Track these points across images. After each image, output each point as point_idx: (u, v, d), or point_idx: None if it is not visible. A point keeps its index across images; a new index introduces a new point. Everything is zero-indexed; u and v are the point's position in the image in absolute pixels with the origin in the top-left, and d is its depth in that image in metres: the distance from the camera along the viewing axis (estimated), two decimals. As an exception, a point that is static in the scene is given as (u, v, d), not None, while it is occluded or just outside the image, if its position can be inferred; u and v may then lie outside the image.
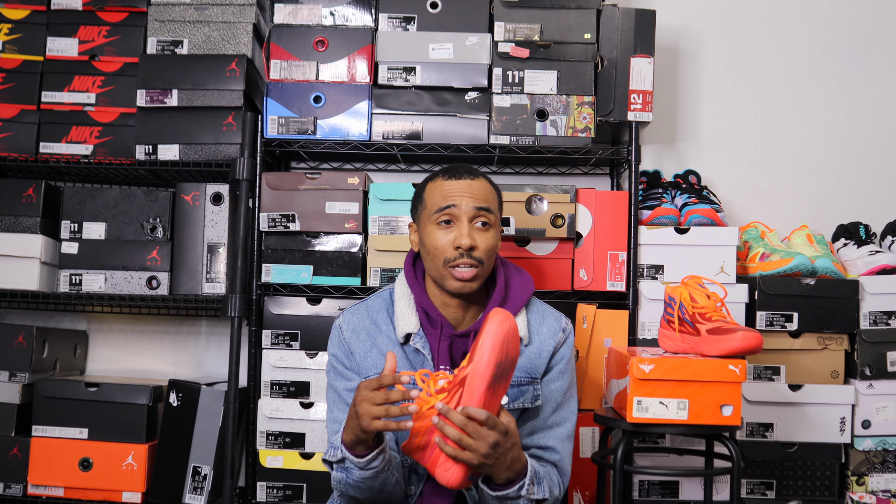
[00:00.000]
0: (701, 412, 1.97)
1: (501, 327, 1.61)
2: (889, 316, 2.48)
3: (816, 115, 2.90)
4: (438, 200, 1.88)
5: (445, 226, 1.87)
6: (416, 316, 1.90)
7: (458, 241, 1.84)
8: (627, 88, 2.51)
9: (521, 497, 1.73)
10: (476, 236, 1.85)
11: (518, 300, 1.93)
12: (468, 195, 1.87)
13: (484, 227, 1.87)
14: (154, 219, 2.58)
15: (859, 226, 2.66)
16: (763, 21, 2.91)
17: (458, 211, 1.86)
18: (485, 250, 1.86)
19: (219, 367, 2.81)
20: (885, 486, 2.47)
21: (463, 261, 1.84)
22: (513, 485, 1.72)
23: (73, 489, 2.47)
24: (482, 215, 1.87)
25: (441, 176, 1.91)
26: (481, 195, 1.88)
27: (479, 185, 1.89)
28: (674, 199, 2.61)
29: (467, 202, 1.86)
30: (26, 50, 2.61)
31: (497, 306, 1.89)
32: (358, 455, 1.71)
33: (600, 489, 2.24)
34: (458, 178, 1.89)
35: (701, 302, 2.08)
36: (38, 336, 2.54)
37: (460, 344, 1.89)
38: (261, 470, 2.48)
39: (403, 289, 1.95)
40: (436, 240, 1.86)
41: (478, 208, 1.86)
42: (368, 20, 2.56)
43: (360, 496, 1.79)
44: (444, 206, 1.86)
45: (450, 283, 1.86)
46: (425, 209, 1.91)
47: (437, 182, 1.91)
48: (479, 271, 1.86)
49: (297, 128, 2.53)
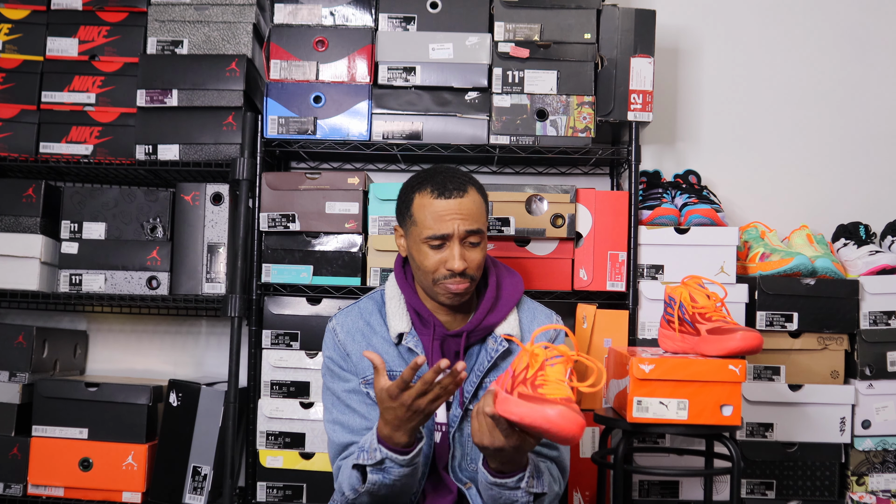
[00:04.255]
0: (701, 412, 1.97)
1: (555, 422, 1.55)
2: (889, 316, 2.48)
3: (817, 115, 2.90)
4: (430, 223, 1.87)
5: (437, 249, 1.88)
6: (406, 316, 1.93)
7: (449, 264, 1.86)
8: (627, 88, 2.51)
9: (519, 489, 1.74)
10: (467, 255, 1.87)
11: (509, 301, 1.95)
12: (459, 218, 1.86)
13: (474, 246, 1.89)
14: (154, 219, 2.58)
15: (859, 226, 2.66)
16: (763, 21, 2.91)
17: (450, 236, 1.87)
18: (475, 267, 1.89)
19: (219, 367, 2.81)
20: (885, 486, 2.47)
21: (454, 280, 1.87)
22: (512, 475, 1.73)
23: (73, 489, 2.47)
24: (472, 236, 1.88)
25: (430, 192, 1.88)
26: (472, 215, 1.88)
27: (469, 202, 1.88)
28: (674, 199, 2.61)
29: (459, 226, 1.86)
30: (26, 50, 2.61)
31: (489, 307, 1.92)
32: (402, 452, 1.72)
33: (600, 489, 2.24)
34: (448, 196, 1.87)
35: (701, 302, 2.08)
36: (38, 336, 2.54)
37: (452, 343, 1.92)
38: (261, 470, 2.48)
39: (394, 290, 1.97)
40: (426, 259, 1.88)
41: (469, 231, 1.87)
42: (368, 20, 2.56)
43: (386, 494, 1.79)
44: (438, 235, 1.86)
45: (442, 297, 1.90)
46: (415, 226, 1.90)
47: (426, 199, 1.88)
48: (470, 286, 1.89)
49: (297, 128, 2.53)
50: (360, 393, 1.92)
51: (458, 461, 1.90)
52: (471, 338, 1.92)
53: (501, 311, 1.94)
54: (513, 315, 1.95)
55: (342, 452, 1.90)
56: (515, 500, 1.76)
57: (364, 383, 1.92)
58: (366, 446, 1.77)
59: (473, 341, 1.94)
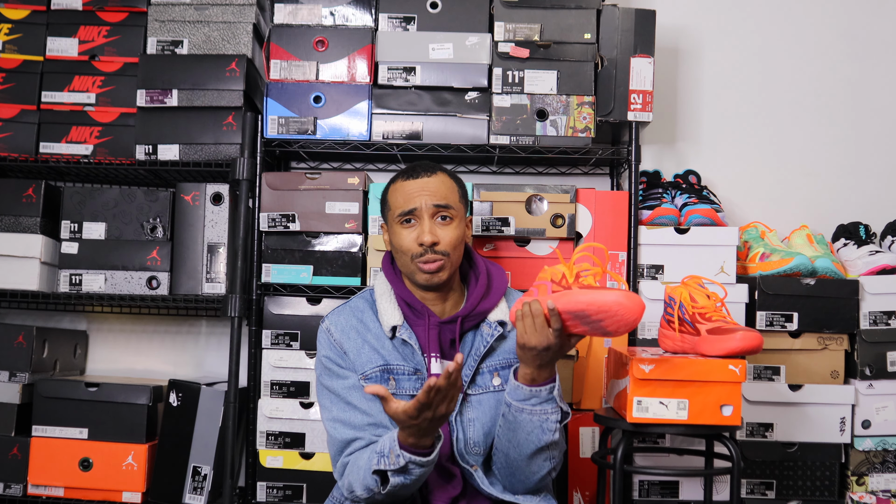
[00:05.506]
0: (701, 412, 1.97)
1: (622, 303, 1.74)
2: (889, 316, 2.48)
3: (817, 115, 2.90)
4: (400, 202, 1.95)
5: (408, 224, 1.94)
6: (398, 309, 1.96)
7: (420, 238, 1.92)
8: (627, 88, 2.51)
9: (552, 399, 1.83)
10: (438, 231, 1.92)
11: (499, 288, 2.00)
12: (426, 193, 1.94)
13: (445, 221, 1.94)
14: (154, 219, 2.58)
15: (859, 226, 2.66)
16: (763, 21, 2.91)
17: (418, 211, 1.93)
18: (448, 243, 1.93)
19: (219, 367, 2.81)
20: (885, 486, 2.47)
21: (428, 256, 1.91)
22: (545, 384, 1.83)
23: (73, 489, 2.48)
24: (441, 211, 1.94)
25: (401, 177, 1.98)
26: (440, 192, 1.95)
27: (436, 181, 1.96)
28: (674, 199, 2.61)
29: (426, 200, 1.93)
30: (26, 50, 2.61)
31: (482, 293, 1.97)
32: (423, 453, 1.76)
33: (600, 489, 2.24)
34: (416, 177, 1.96)
35: (701, 302, 2.08)
36: (38, 336, 2.54)
37: (447, 331, 1.95)
38: (261, 470, 2.48)
39: (383, 286, 2.00)
40: (401, 239, 1.94)
41: (436, 206, 1.93)
42: (368, 20, 2.56)
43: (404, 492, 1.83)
44: (406, 210, 1.93)
45: (419, 277, 1.93)
46: (390, 210, 1.98)
47: (398, 184, 1.98)
48: (444, 262, 1.93)
49: (297, 128, 2.53)
50: (359, 389, 1.93)
51: (463, 444, 1.92)
52: (465, 324, 1.95)
53: (494, 298, 1.98)
54: (503, 302, 1.99)
55: (346, 449, 1.91)
56: (546, 419, 1.83)
57: (363, 379, 1.93)
58: (385, 451, 1.78)
59: (467, 328, 1.97)
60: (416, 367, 1.93)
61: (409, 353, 1.94)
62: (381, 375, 1.93)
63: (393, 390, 1.92)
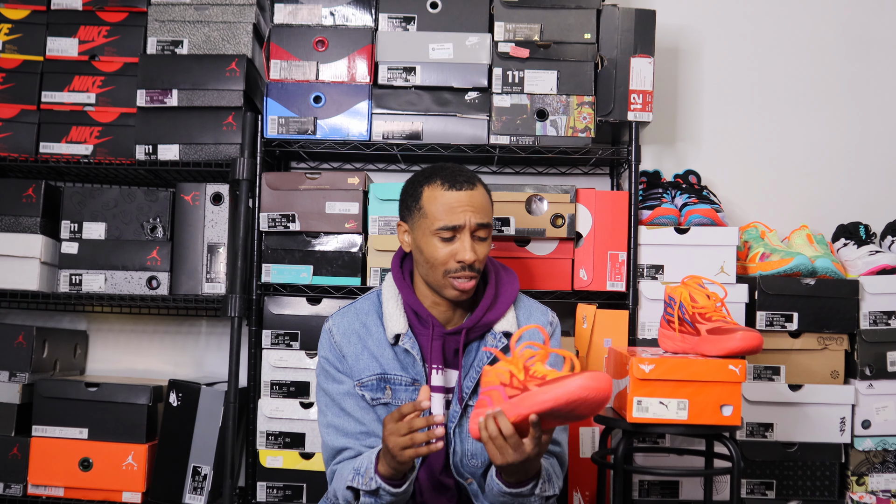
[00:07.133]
0: (701, 412, 1.97)
1: (589, 386, 1.56)
2: (889, 316, 2.48)
3: (816, 115, 2.90)
4: (442, 215, 1.87)
5: (448, 239, 1.88)
6: (403, 317, 1.93)
7: (461, 255, 1.86)
8: (627, 88, 2.51)
9: (533, 495, 1.76)
10: (477, 249, 1.88)
11: (508, 298, 1.96)
12: (471, 210, 1.88)
13: (482, 241, 1.90)
14: (154, 219, 2.58)
15: (859, 226, 2.66)
16: (763, 21, 2.91)
17: (462, 227, 1.87)
18: (482, 260, 1.90)
19: (219, 367, 2.81)
20: (885, 486, 2.47)
21: (464, 273, 1.87)
22: (526, 484, 1.75)
23: (73, 489, 2.47)
24: (482, 229, 1.90)
25: (441, 184, 1.89)
26: (483, 208, 1.90)
27: (479, 195, 1.91)
28: (674, 199, 2.61)
29: (471, 217, 1.87)
30: (26, 50, 2.61)
31: (488, 304, 1.93)
32: (395, 485, 1.75)
33: (600, 489, 2.24)
34: (459, 188, 1.88)
35: (701, 302, 2.08)
36: (38, 336, 2.54)
37: (452, 342, 1.92)
38: (261, 470, 2.48)
39: (391, 290, 1.97)
40: (436, 251, 1.88)
41: (480, 224, 1.88)
42: (368, 20, 2.56)
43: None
44: (451, 226, 1.86)
45: (449, 292, 1.89)
46: (425, 218, 1.89)
47: (438, 191, 1.89)
48: (477, 281, 1.90)
49: (297, 128, 2.53)
50: (354, 396, 1.93)
51: (459, 457, 1.91)
52: (470, 335, 1.93)
53: (500, 309, 1.94)
54: (511, 312, 1.96)
55: (336, 456, 1.91)
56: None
57: (358, 386, 1.92)
58: (361, 471, 1.79)
59: (472, 338, 1.94)
60: (414, 378, 1.92)
61: (409, 363, 1.92)
62: (377, 384, 1.92)
63: (389, 400, 1.91)
